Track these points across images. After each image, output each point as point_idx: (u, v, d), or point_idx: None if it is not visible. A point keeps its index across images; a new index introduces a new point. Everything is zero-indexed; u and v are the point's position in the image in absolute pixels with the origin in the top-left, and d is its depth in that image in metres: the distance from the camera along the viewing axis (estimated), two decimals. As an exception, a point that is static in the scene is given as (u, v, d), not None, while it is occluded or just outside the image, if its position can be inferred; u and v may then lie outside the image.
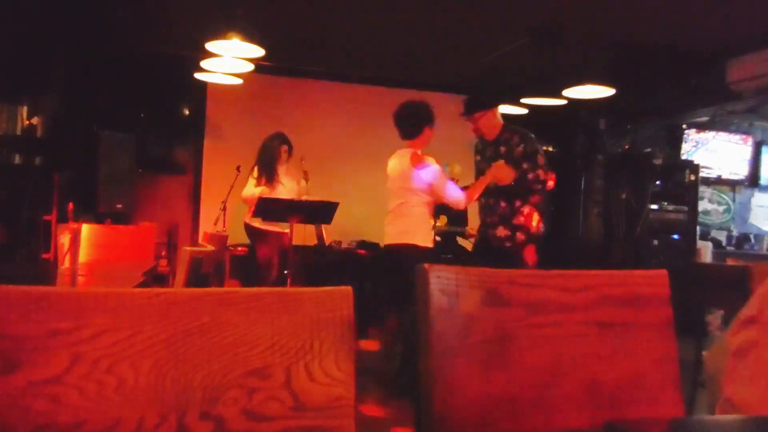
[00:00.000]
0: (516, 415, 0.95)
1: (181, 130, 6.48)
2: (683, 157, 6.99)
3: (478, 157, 4.01)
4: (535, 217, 3.74)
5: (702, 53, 5.37)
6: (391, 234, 3.88)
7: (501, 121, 3.89)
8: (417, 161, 3.75)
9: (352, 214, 5.64)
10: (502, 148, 3.80)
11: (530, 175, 3.70)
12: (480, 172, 3.93)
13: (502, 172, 3.65)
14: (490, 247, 3.79)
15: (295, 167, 5.27)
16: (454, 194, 3.73)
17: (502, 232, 3.74)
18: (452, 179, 5.41)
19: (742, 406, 0.92)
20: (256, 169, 5.02)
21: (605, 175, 6.82)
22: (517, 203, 3.73)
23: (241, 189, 5.43)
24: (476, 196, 3.80)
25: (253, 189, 4.87)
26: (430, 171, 3.72)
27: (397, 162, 3.90)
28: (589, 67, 5.07)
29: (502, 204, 3.76)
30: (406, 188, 3.78)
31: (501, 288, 0.97)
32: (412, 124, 3.85)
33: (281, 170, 5.07)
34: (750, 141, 7.29)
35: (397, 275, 3.74)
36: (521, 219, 3.69)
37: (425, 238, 3.77)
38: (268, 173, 4.97)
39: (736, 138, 7.23)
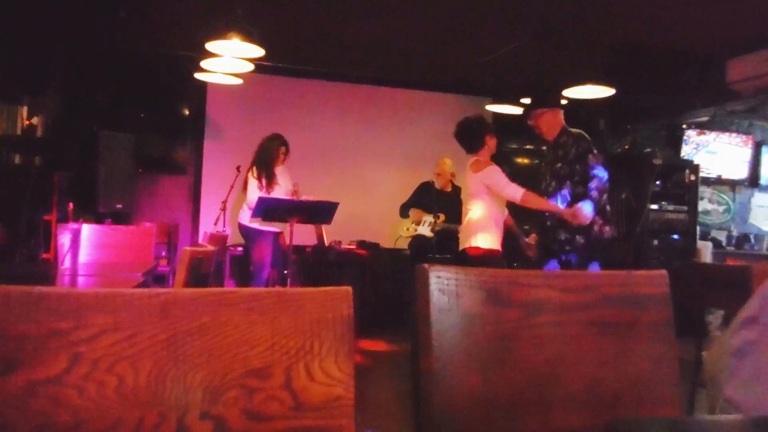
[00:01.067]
0: (516, 415, 0.95)
1: (181, 130, 6.48)
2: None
3: (543, 164, 4.06)
4: (597, 220, 3.66)
5: (702, 53, 5.37)
6: (463, 240, 4.04)
7: (562, 122, 3.93)
8: (476, 167, 3.93)
9: (352, 214, 5.64)
10: (560, 152, 3.84)
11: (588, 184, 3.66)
12: (542, 175, 3.97)
13: (578, 216, 3.57)
14: (549, 250, 3.76)
15: (290, 169, 5.28)
16: (513, 192, 3.79)
17: (561, 235, 3.71)
18: (443, 173, 5.43)
19: (742, 406, 0.92)
20: (255, 169, 5.02)
21: (605, 175, 6.82)
22: (575, 205, 3.66)
23: (240, 189, 5.43)
24: (535, 204, 3.78)
25: (258, 193, 4.88)
26: (485, 172, 3.87)
27: (467, 172, 4.09)
28: (589, 67, 5.07)
29: (561, 207, 3.74)
30: (472, 195, 3.97)
31: (501, 288, 0.97)
32: (474, 137, 4.03)
33: (278, 171, 5.08)
34: (750, 141, 7.29)
35: None
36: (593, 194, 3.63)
37: (486, 240, 3.87)
38: (267, 174, 4.98)
39: (736, 138, 7.23)
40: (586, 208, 3.57)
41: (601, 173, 3.70)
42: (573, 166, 3.74)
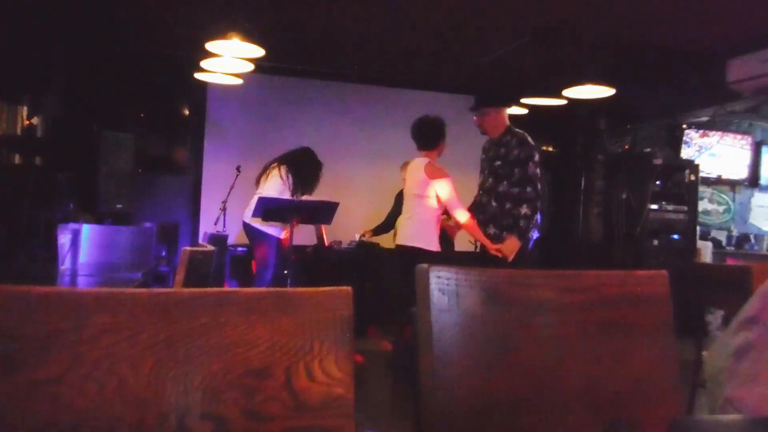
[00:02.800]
0: (516, 415, 0.95)
1: (181, 130, 6.48)
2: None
3: (483, 156, 4.08)
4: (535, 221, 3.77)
5: (702, 53, 5.37)
6: (403, 235, 4.19)
7: (506, 122, 3.94)
8: (433, 174, 4.04)
9: (352, 214, 5.64)
10: (502, 150, 3.86)
11: (517, 185, 3.74)
12: (481, 170, 4.04)
13: (507, 249, 3.68)
14: (486, 253, 3.84)
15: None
16: (459, 214, 3.94)
17: (491, 230, 3.82)
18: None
19: (742, 406, 0.92)
20: (290, 176, 4.95)
21: (605, 175, 6.83)
22: (508, 205, 3.77)
23: (240, 189, 5.43)
24: (473, 233, 3.93)
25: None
26: (440, 183, 4.01)
27: (414, 170, 4.18)
28: (589, 67, 5.07)
29: (493, 204, 3.84)
30: (419, 195, 4.07)
31: (501, 288, 0.97)
32: (430, 136, 4.15)
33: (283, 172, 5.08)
34: (750, 141, 7.29)
35: (405, 276, 3.90)
36: (510, 221, 3.73)
37: (432, 243, 4.05)
38: (305, 190, 4.98)
39: (736, 138, 7.23)
40: (513, 246, 3.67)
41: (534, 189, 3.71)
42: (512, 168, 3.77)
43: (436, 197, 4.02)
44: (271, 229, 4.88)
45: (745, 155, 7.27)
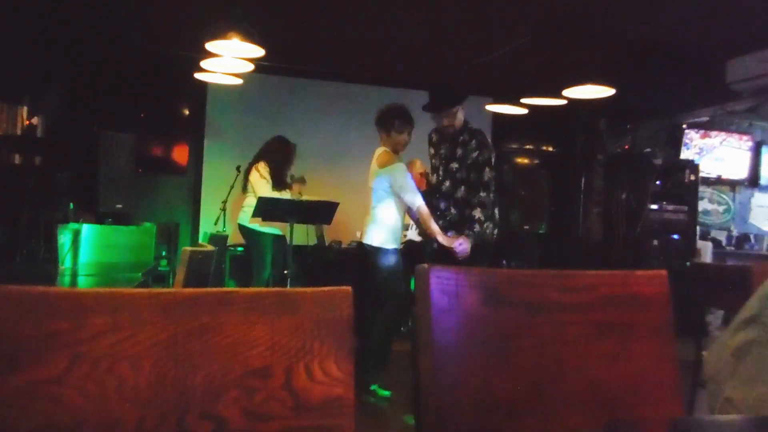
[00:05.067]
0: (516, 415, 0.95)
1: (181, 130, 6.48)
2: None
3: (432, 151, 3.87)
4: (488, 225, 3.60)
5: (702, 53, 5.37)
6: (362, 232, 3.96)
7: (463, 117, 3.72)
8: (383, 162, 3.79)
9: (353, 214, 5.63)
10: (459, 151, 3.67)
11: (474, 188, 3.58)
12: (434, 168, 3.84)
13: (458, 254, 3.47)
14: (444, 251, 3.59)
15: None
16: (409, 197, 3.69)
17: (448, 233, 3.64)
18: (413, 175, 5.33)
19: (742, 406, 0.92)
20: (268, 169, 5.01)
21: (605, 175, 6.83)
22: (467, 211, 3.60)
23: (240, 189, 5.43)
24: (424, 221, 3.66)
25: (271, 192, 4.90)
26: (394, 173, 3.74)
27: (372, 162, 3.94)
28: (589, 67, 5.07)
29: (452, 211, 3.68)
30: (373, 189, 3.85)
31: (501, 288, 0.97)
32: (379, 121, 3.91)
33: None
34: (750, 141, 7.29)
35: (362, 276, 3.91)
36: (475, 227, 3.52)
37: (386, 239, 3.79)
38: (282, 177, 5.03)
39: (735, 138, 7.23)
40: (465, 247, 3.47)
41: (488, 194, 3.55)
42: (469, 173, 3.60)
43: (390, 189, 3.76)
44: (267, 228, 4.91)
45: (745, 155, 7.27)
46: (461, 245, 3.47)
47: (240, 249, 5.91)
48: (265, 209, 4.39)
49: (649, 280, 1.07)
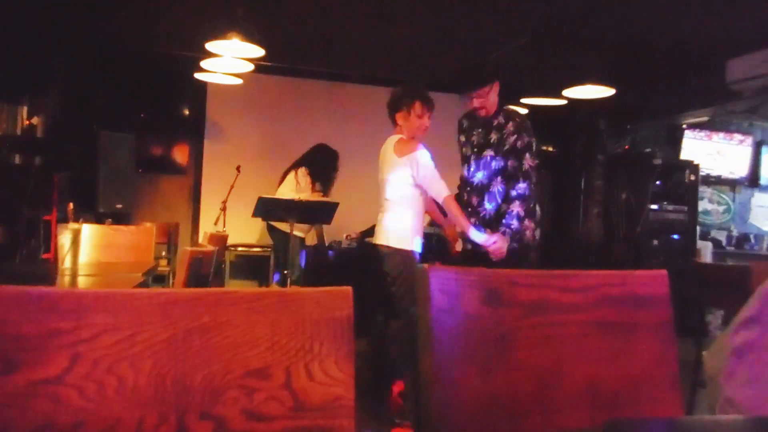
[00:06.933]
0: (516, 415, 0.95)
1: (181, 130, 6.48)
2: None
3: (462, 138, 3.40)
4: (529, 224, 3.15)
5: (702, 53, 5.37)
6: (375, 232, 3.42)
7: (497, 98, 3.28)
8: (402, 150, 3.28)
9: (353, 214, 5.63)
10: (493, 136, 3.21)
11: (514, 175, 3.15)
12: (464, 159, 3.36)
13: (496, 254, 3.04)
14: (477, 253, 3.18)
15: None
16: (436, 187, 3.22)
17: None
18: None
19: (742, 406, 0.92)
20: (307, 174, 5.04)
21: (605, 175, 6.83)
22: (504, 206, 3.16)
23: (240, 189, 5.43)
24: (453, 214, 3.21)
25: (310, 195, 4.95)
26: (416, 161, 3.22)
27: (384, 151, 3.42)
28: (589, 67, 5.07)
29: (486, 206, 3.22)
30: (389, 181, 3.32)
31: (501, 288, 0.97)
32: (390, 104, 3.47)
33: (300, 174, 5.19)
34: (750, 141, 7.29)
35: (376, 279, 3.42)
36: (513, 223, 3.07)
37: (406, 239, 3.26)
38: (326, 185, 5.18)
39: (736, 138, 7.24)
40: (501, 245, 3.03)
41: (526, 185, 3.12)
42: (506, 160, 3.15)
43: (412, 180, 3.24)
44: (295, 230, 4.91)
45: (745, 155, 7.27)
46: (495, 243, 3.02)
47: (240, 249, 5.92)
48: (265, 209, 4.39)
49: (649, 280, 1.07)
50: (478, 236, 3.08)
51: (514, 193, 3.11)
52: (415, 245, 3.29)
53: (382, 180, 3.38)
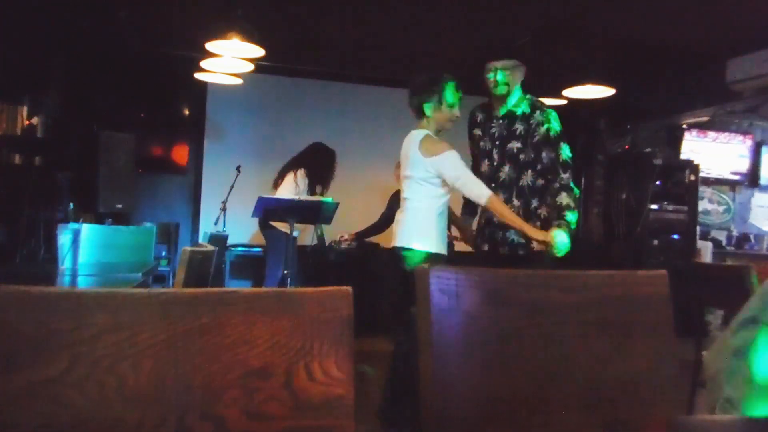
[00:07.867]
0: (516, 415, 0.95)
1: (181, 130, 6.48)
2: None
3: (478, 132, 3.14)
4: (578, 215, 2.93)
5: (702, 53, 5.37)
6: (395, 234, 3.07)
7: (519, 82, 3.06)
8: (430, 150, 2.92)
9: (353, 214, 5.64)
10: (518, 127, 2.97)
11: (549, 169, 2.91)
12: (483, 153, 3.10)
13: (552, 249, 2.77)
14: (496, 253, 3.03)
15: None
16: (475, 190, 2.90)
17: (515, 236, 2.97)
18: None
19: (742, 406, 0.92)
20: (306, 176, 5.00)
21: (605, 175, 6.83)
22: (534, 203, 2.98)
23: (240, 189, 5.43)
24: (500, 214, 2.89)
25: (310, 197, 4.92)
26: (446, 162, 2.90)
27: (407, 146, 3.05)
28: (589, 67, 5.07)
29: (515, 203, 2.99)
30: (412, 178, 2.99)
31: (501, 288, 0.97)
32: (414, 92, 3.07)
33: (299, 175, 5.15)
34: (750, 141, 7.29)
35: (394, 282, 3.17)
36: (566, 214, 2.83)
37: (430, 242, 2.94)
38: (323, 186, 5.06)
39: (736, 138, 7.24)
40: (563, 240, 2.75)
41: (568, 175, 2.92)
42: (538, 152, 2.94)
43: (440, 180, 2.93)
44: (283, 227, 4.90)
45: (745, 155, 7.27)
46: (560, 236, 2.73)
47: (240, 249, 5.92)
48: (265, 209, 4.38)
49: (649, 280, 1.07)
50: (537, 233, 2.82)
51: (556, 184, 2.90)
52: (441, 248, 2.99)
53: (404, 177, 3.06)
